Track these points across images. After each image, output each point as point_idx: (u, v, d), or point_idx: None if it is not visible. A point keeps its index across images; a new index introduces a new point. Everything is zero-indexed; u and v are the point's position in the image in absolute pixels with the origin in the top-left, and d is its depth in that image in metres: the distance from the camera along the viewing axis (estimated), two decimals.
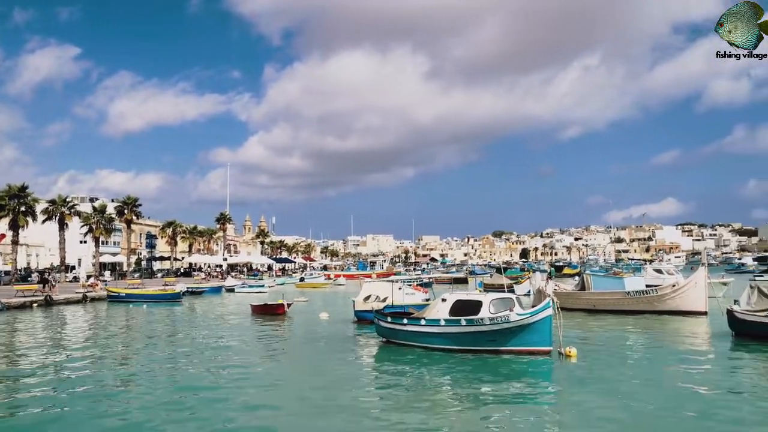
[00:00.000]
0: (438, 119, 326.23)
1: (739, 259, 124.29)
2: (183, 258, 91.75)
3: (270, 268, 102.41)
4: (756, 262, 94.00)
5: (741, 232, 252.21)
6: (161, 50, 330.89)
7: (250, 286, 58.70)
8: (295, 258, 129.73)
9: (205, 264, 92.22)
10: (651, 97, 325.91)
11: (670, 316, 27.98)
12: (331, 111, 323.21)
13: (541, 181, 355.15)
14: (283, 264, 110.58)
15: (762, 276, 54.88)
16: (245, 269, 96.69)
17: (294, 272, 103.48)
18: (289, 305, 32.61)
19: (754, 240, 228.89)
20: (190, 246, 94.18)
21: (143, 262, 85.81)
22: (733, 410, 11.55)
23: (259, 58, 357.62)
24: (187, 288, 51.06)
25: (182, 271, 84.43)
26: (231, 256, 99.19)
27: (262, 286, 59.90)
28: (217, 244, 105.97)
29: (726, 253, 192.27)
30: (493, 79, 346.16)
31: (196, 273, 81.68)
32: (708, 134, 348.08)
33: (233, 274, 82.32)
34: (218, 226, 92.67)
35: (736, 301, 21.69)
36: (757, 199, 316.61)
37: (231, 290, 56.35)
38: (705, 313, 27.96)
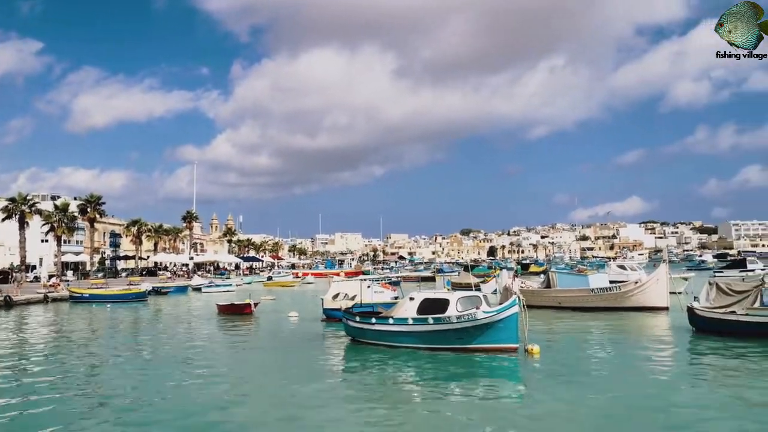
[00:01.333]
0: (406, 118, 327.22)
1: (700, 256, 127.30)
2: (148, 257, 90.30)
3: (237, 266, 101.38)
4: (716, 260, 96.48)
5: (702, 230, 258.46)
6: (127, 46, 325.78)
7: (217, 285, 58.05)
8: (262, 257, 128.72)
9: (171, 263, 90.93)
10: (616, 97, 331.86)
11: (633, 312, 28.53)
12: (300, 109, 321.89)
13: (509, 179, 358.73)
14: (251, 263, 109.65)
15: (721, 273, 56.21)
16: (212, 268, 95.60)
17: (262, 271, 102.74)
18: (256, 304, 32.34)
19: (714, 238, 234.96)
20: (156, 245, 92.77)
21: (107, 262, 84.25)
22: (694, 404, 11.84)
23: (228, 55, 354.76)
24: (153, 287, 50.26)
25: (147, 270, 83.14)
26: (197, 254, 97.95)
27: (230, 285, 59.31)
28: (183, 243, 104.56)
29: (687, 250, 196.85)
30: (462, 79, 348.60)
31: (161, 272, 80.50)
32: (671, 134, 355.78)
33: (200, 273, 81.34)
34: (185, 224, 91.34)
35: (696, 298, 22.21)
36: (717, 198, 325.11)
37: (197, 289, 55.65)
38: (666, 309, 28.58)
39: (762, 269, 46.98)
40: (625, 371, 15.30)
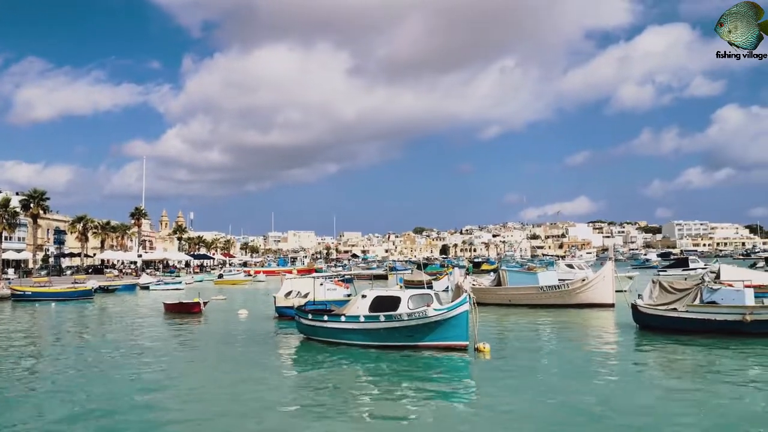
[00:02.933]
0: (360, 116, 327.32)
1: (645, 255, 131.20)
2: (95, 255, 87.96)
3: (188, 264, 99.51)
4: (659, 258, 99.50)
5: (646, 230, 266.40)
6: (74, 37, 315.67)
7: (166, 284, 56.90)
8: (214, 254, 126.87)
9: (118, 261, 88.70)
10: (565, 99, 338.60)
11: (580, 309, 29.17)
12: (253, 105, 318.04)
13: (462, 178, 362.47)
14: (202, 261, 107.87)
15: (665, 271, 58.01)
16: (161, 266, 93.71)
17: (213, 269, 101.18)
18: (205, 303, 31.83)
19: (659, 237, 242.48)
20: (103, 242, 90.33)
21: (51, 259, 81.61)
22: (637, 399, 12.18)
23: (179, 49, 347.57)
24: (99, 286, 49.01)
25: (94, 268, 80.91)
26: (146, 252, 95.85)
27: (179, 283, 58.23)
28: (131, 240, 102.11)
29: (633, 249, 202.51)
30: (416, 78, 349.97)
31: (108, 270, 78.45)
32: (617, 137, 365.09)
33: (148, 271, 79.65)
34: (133, 221, 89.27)
35: (639, 296, 22.85)
36: (660, 199, 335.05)
37: (146, 288, 54.45)
38: (612, 306, 29.31)
39: (703, 268, 48.62)
40: (572, 368, 15.62)
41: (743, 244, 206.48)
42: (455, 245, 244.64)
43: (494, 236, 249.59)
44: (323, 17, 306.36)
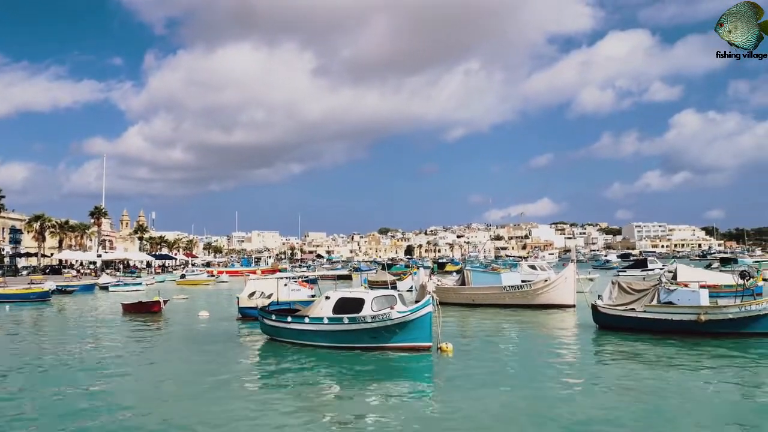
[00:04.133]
0: (325, 116, 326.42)
1: (605, 256, 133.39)
2: (52, 255, 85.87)
3: (149, 265, 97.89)
4: (619, 259, 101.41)
5: (607, 231, 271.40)
6: (32, 31, 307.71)
7: (126, 284, 55.76)
8: (176, 255, 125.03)
9: (77, 261, 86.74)
10: (529, 102, 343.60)
11: (542, 310, 29.55)
12: (216, 103, 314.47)
13: (426, 179, 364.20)
14: (163, 261, 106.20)
15: (624, 272, 59.19)
16: (122, 266, 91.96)
17: (175, 269, 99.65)
18: (165, 302, 31.33)
19: (619, 238, 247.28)
20: (61, 242, 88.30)
21: (6, 259, 79.38)
22: (593, 396, 12.40)
23: (141, 46, 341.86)
24: (57, 286, 47.81)
25: (51, 268, 78.97)
26: (106, 252, 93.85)
27: (140, 284, 57.13)
28: (91, 240, 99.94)
29: (594, 250, 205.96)
30: (381, 79, 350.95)
31: (66, 270, 76.67)
32: (578, 140, 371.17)
33: (108, 271, 78.08)
34: (92, 220, 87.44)
35: (599, 296, 23.26)
36: (620, 201, 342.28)
37: (105, 288, 53.31)
38: (573, 306, 29.76)
39: (660, 269, 49.77)
40: (534, 367, 15.81)
41: (699, 245, 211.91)
42: (420, 246, 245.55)
43: (459, 237, 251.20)
44: (287, 17, 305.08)
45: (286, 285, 28.52)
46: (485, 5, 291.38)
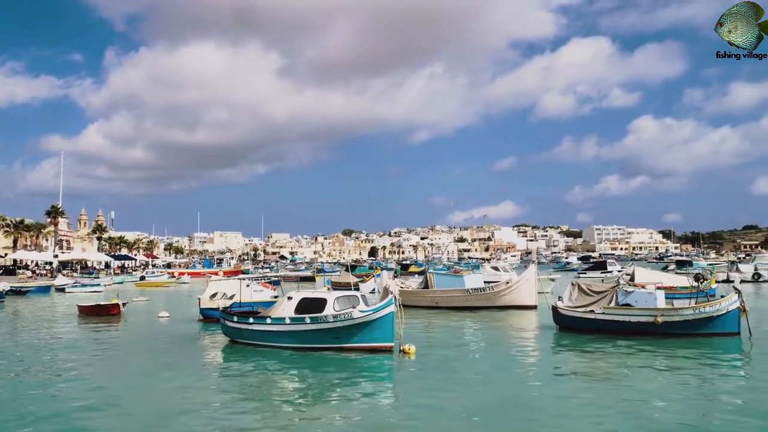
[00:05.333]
0: (290, 116, 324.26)
1: (566, 258, 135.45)
2: (6, 255, 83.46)
3: (108, 265, 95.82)
4: (580, 262, 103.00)
5: (568, 234, 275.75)
6: None
7: (83, 285, 54.50)
8: (136, 255, 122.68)
9: (32, 261, 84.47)
10: (492, 106, 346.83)
11: (504, 311, 29.86)
12: (179, 102, 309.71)
13: (390, 181, 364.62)
14: (123, 261, 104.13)
15: (585, 274, 60.25)
16: (79, 267, 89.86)
17: (135, 270, 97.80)
18: (124, 304, 30.70)
19: (579, 241, 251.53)
20: (15, 241, 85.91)
21: None
22: (551, 396, 12.57)
23: (102, 42, 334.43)
24: (10, 287, 46.53)
25: (5, 269, 76.74)
26: (63, 252, 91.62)
27: (98, 285, 55.86)
28: (47, 240, 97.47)
29: (555, 252, 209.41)
30: (345, 80, 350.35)
31: (21, 271, 74.58)
32: (540, 144, 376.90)
33: (65, 272, 76.21)
34: (49, 220, 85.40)
35: (560, 298, 23.61)
36: (581, 204, 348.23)
37: (61, 290, 52.01)
38: (535, 308, 30.12)
39: (619, 271, 50.78)
40: (495, 368, 15.95)
41: (657, 248, 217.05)
42: (384, 247, 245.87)
43: (422, 239, 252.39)
44: (251, 16, 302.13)
45: (248, 286, 28.25)
46: (449, 10, 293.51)
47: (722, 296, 20.89)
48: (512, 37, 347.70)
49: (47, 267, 79.64)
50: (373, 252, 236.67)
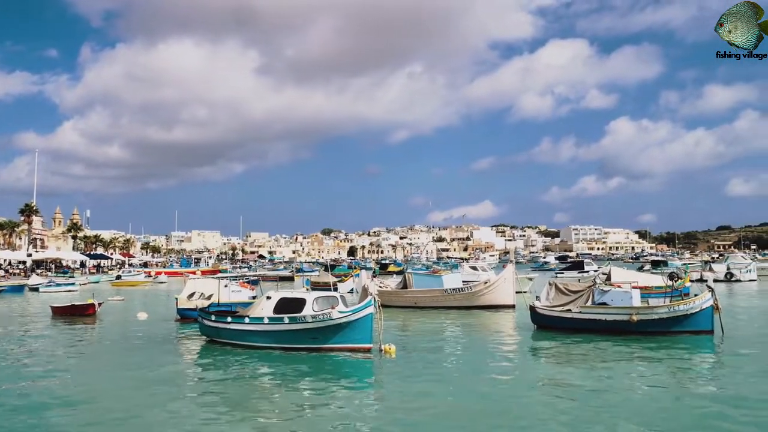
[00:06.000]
0: (270, 115, 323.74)
1: (544, 258, 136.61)
2: None
3: (83, 264, 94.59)
4: (557, 261, 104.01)
5: (546, 234, 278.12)
6: None
7: (58, 285, 53.68)
8: (112, 254, 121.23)
9: (5, 260, 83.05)
10: (471, 106, 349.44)
11: (483, 311, 30.00)
12: (156, 99, 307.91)
13: (370, 180, 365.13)
14: (98, 261, 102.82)
15: (562, 273, 60.74)
16: (54, 266, 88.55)
17: (111, 269, 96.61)
18: (100, 304, 30.29)
19: (557, 241, 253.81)
20: None
21: None
22: (532, 395, 12.69)
23: (78, 38, 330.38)
24: None
25: None
26: (37, 251, 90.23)
27: (73, 284, 55.03)
28: (20, 239, 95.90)
29: (533, 252, 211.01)
30: (325, 80, 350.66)
31: None
32: (519, 144, 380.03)
33: (39, 271, 75.07)
34: (22, 218, 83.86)
35: (537, 297, 23.82)
36: (558, 204, 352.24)
37: (35, 289, 51.15)
38: (513, 307, 30.29)
39: (595, 271, 51.34)
40: (474, 367, 16.04)
41: (633, 248, 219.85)
42: (363, 247, 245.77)
43: (401, 238, 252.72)
44: (230, 14, 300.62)
45: (226, 286, 28.10)
46: (428, 10, 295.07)
47: (696, 295, 21.24)
48: (491, 38, 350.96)
49: (21, 266, 78.35)
50: (352, 251, 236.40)
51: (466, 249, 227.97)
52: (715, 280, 45.19)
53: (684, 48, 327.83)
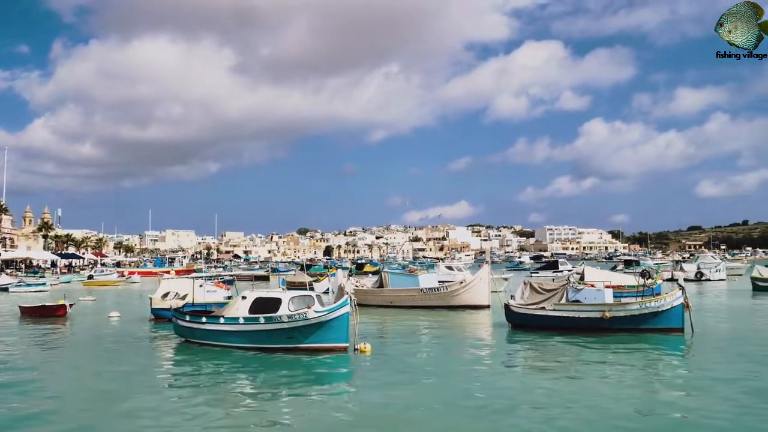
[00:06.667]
0: (245, 114, 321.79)
1: (519, 257, 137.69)
2: None
3: (54, 264, 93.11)
4: (532, 261, 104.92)
5: (521, 234, 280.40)
6: None
7: (28, 285, 52.69)
8: (84, 254, 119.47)
9: None
10: (447, 107, 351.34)
11: (458, 310, 30.15)
12: (130, 97, 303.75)
13: (346, 180, 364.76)
14: (70, 260, 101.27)
15: (537, 273, 61.31)
16: (23, 266, 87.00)
17: (83, 269, 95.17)
18: (71, 305, 29.81)
19: (532, 241, 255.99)
20: None
21: None
22: (507, 392, 12.79)
23: (50, 34, 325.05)
24: None
25: None
26: (6, 251, 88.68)
27: (44, 284, 54.07)
28: None
29: (509, 252, 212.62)
30: (302, 79, 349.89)
31: None
32: (495, 145, 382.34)
33: (9, 271, 73.74)
34: None
35: (512, 296, 24.03)
36: (533, 205, 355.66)
37: (4, 289, 50.08)
38: (488, 307, 30.47)
39: (569, 270, 51.90)
40: (449, 366, 16.14)
41: (606, 248, 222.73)
42: (339, 246, 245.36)
43: (378, 238, 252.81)
44: (205, 12, 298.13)
45: (201, 286, 27.85)
46: (404, 10, 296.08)
47: (666, 293, 21.61)
48: (467, 39, 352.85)
49: None
50: (328, 251, 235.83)
51: (442, 249, 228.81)
52: (686, 280, 45.83)
53: (655, 51, 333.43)
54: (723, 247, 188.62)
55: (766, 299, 35.45)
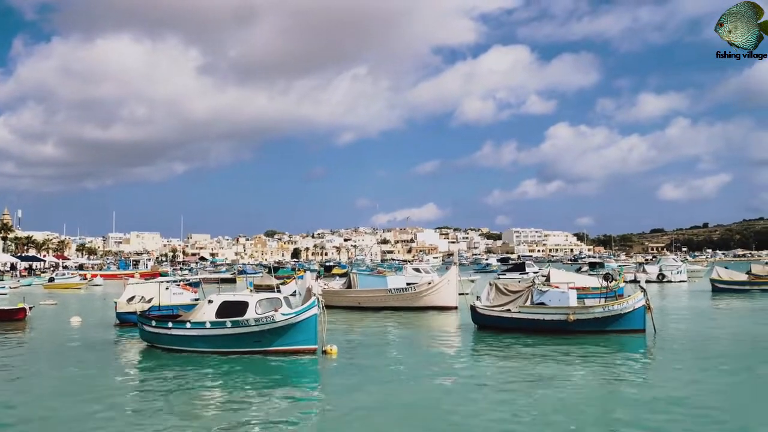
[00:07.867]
0: (212, 115, 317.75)
1: (486, 260, 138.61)
2: None
3: (13, 267, 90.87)
4: (500, 263, 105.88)
5: (488, 236, 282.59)
6: None
7: None
8: (45, 256, 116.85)
9: None
10: (415, 110, 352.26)
11: (426, 312, 30.35)
12: (93, 96, 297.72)
13: (314, 182, 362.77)
14: (30, 263, 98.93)
15: (504, 275, 61.93)
16: None
17: (43, 272, 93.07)
18: (30, 308, 29.16)
19: (499, 243, 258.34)
20: None
21: None
22: (471, 393, 12.95)
23: (10, 31, 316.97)
24: None
25: None
26: None
27: (2, 288, 52.74)
28: None
29: (476, 254, 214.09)
30: (269, 80, 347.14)
31: None
32: (462, 148, 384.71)
33: None
34: None
35: (478, 298, 24.27)
36: (500, 207, 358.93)
37: None
38: (456, 308, 30.74)
39: (536, 272, 52.56)
40: (415, 367, 16.23)
41: (572, 250, 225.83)
42: (307, 249, 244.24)
43: (346, 240, 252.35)
44: (170, 11, 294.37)
45: (167, 289, 27.50)
46: (372, 13, 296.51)
47: (629, 295, 22.07)
48: (435, 43, 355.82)
49: None
50: (296, 254, 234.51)
51: (410, 251, 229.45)
52: (648, 281, 47.02)
53: (618, 57, 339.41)
54: (684, 249, 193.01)
55: (725, 300, 36.41)
